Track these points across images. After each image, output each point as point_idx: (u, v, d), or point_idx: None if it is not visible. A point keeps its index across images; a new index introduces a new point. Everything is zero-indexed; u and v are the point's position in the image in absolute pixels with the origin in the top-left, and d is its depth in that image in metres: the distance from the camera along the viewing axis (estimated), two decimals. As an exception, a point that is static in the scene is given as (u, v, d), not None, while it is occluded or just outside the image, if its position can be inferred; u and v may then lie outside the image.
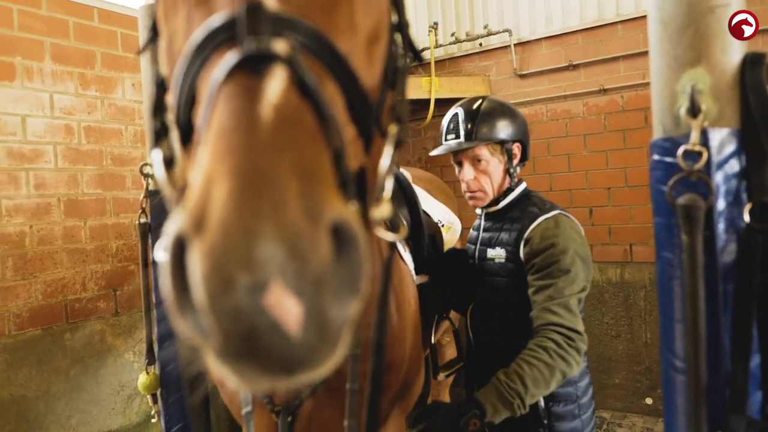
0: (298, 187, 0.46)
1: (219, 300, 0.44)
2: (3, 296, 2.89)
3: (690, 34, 0.92)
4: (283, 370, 0.47)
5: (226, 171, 0.46)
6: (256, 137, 0.48)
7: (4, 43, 2.93)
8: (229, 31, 0.56)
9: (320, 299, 0.46)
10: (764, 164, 0.90)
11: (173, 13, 0.70)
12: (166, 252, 0.48)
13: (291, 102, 0.52)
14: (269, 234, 0.44)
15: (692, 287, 0.90)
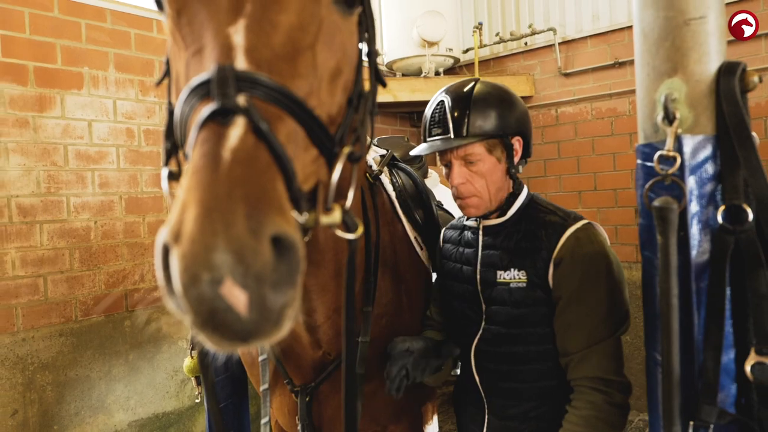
0: (245, 211, 0.64)
1: (189, 290, 0.63)
2: (71, 285, 3.18)
3: (667, 46, 0.97)
4: (239, 339, 0.66)
5: (194, 200, 0.65)
6: (217, 174, 0.66)
7: (73, 55, 3.21)
8: (206, 88, 0.75)
9: (261, 290, 0.64)
10: (737, 169, 0.95)
11: (178, 59, 0.89)
12: (157, 254, 0.68)
13: (247, 144, 0.70)
14: (220, 246, 0.62)
15: (665, 285, 0.96)
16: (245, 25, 0.79)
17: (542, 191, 4.61)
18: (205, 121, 0.72)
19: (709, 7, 0.95)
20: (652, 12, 0.99)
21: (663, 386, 0.97)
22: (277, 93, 0.77)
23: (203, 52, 0.80)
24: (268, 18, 0.81)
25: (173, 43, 0.90)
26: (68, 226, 3.18)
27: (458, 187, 1.50)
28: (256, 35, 0.79)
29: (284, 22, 0.82)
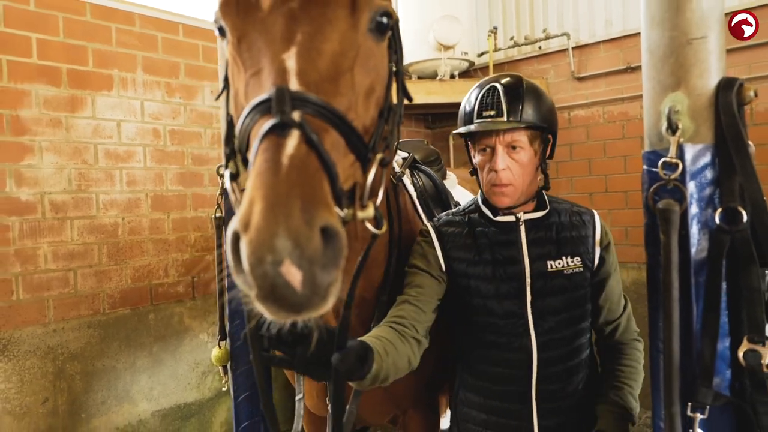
0: (300, 206, 0.80)
1: (255, 269, 0.78)
2: (99, 279, 3.32)
3: (671, 63, 1.07)
4: (293, 310, 0.81)
5: (259, 197, 0.80)
6: (278, 177, 0.82)
7: (104, 58, 3.35)
8: (267, 105, 0.92)
9: (312, 270, 0.79)
10: (733, 175, 1.04)
11: (237, 78, 1.07)
12: (228, 241, 0.83)
13: (301, 152, 0.86)
14: (281, 234, 0.77)
15: (667, 279, 1.06)
16: (296, 52, 0.96)
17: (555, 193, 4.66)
18: (266, 133, 0.87)
19: (709, 28, 1.05)
20: (658, 32, 1.09)
21: (664, 371, 1.07)
22: (324, 109, 0.93)
23: (261, 74, 0.97)
24: (315, 46, 0.97)
25: (233, 64, 1.08)
26: (97, 222, 3.32)
27: (500, 173, 1.53)
28: (305, 60, 0.95)
29: (328, 50, 0.98)
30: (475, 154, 1.63)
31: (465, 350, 1.69)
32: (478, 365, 1.65)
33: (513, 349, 1.58)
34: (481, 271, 1.60)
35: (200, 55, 3.82)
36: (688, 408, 1.07)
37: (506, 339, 1.58)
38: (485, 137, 1.56)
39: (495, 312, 1.58)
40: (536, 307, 1.57)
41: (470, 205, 1.74)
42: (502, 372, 1.60)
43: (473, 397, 1.66)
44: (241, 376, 2.29)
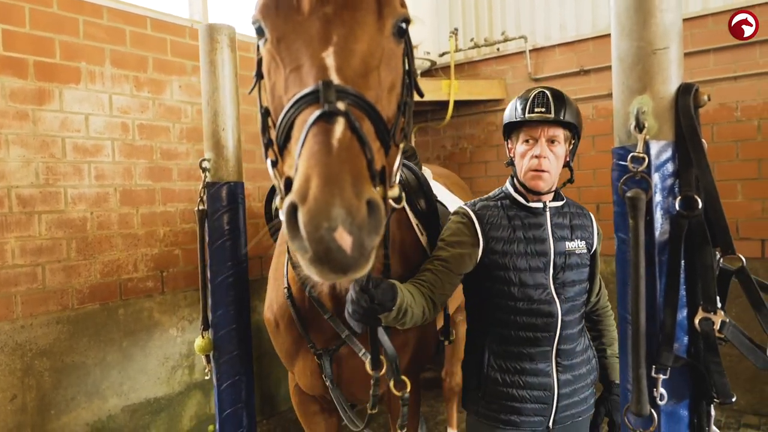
0: (351, 181, 0.92)
1: (313, 235, 0.89)
2: (68, 274, 3.29)
3: (639, 70, 1.23)
4: (342, 271, 0.92)
5: (316, 174, 0.93)
6: (330, 156, 0.95)
7: (71, 50, 3.32)
8: (314, 96, 1.04)
9: (361, 235, 0.91)
10: (690, 168, 1.21)
11: (275, 73, 1.21)
12: (284, 211, 0.93)
13: (346, 136, 0.99)
14: (336, 204, 0.89)
15: (635, 258, 1.22)
16: (334, 51, 1.10)
17: (512, 189, 4.91)
18: (316, 120, 0.99)
19: (671, 40, 1.21)
20: (627, 42, 1.24)
21: (632, 339, 1.23)
22: (361, 100, 1.07)
23: (302, 69, 1.12)
24: (349, 46, 1.12)
25: (271, 60, 1.21)
26: (65, 216, 3.29)
27: (541, 160, 1.85)
28: (342, 58, 1.10)
29: (360, 50, 1.14)
30: (516, 145, 1.94)
31: (496, 322, 1.92)
32: (509, 332, 1.89)
33: (542, 314, 1.86)
34: (516, 248, 1.88)
35: (168, 50, 3.81)
36: (652, 370, 1.24)
37: (536, 306, 1.86)
38: (533, 129, 1.87)
39: (527, 283, 1.87)
40: (558, 279, 1.89)
41: (499, 193, 2.03)
42: (529, 336, 1.88)
43: (503, 363, 1.90)
44: (224, 364, 2.36)
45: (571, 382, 1.90)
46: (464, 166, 5.35)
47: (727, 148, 4.14)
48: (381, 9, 1.18)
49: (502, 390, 1.89)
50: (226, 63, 2.38)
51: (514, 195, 1.96)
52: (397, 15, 1.22)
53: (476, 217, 1.92)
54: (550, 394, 1.87)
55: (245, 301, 2.41)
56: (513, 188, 1.98)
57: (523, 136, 1.90)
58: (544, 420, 1.89)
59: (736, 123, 4.10)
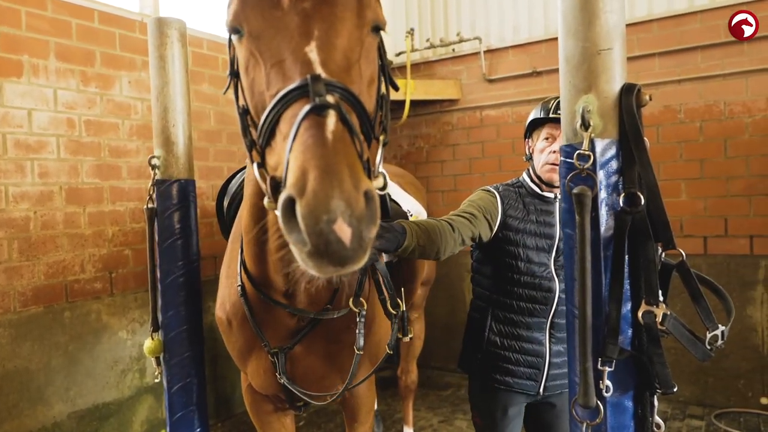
0: (348, 172, 0.91)
1: (312, 228, 0.88)
2: (9, 276, 3.15)
3: (584, 69, 1.26)
4: (339, 264, 0.91)
5: (313, 166, 0.91)
6: (326, 149, 0.93)
7: (12, 42, 3.17)
8: (302, 90, 1.03)
9: (360, 226, 0.90)
10: (633, 165, 1.25)
11: (255, 69, 1.18)
12: (281, 205, 0.92)
13: (339, 129, 0.98)
14: (336, 196, 0.87)
15: (582, 254, 1.25)
16: (317, 45, 1.10)
17: (468, 187, 4.98)
18: (307, 113, 0.98)
19: (615, 41, 1.25)
20: (573, 42, 1.27)
21: (578, 332, 1.26)
22: (348, 93, 1.07)
23: (284, 65, 1.10)
24: (331, 41, 1.12)
25: (249, 57, 1.19)
26: (6, 216, 3.14)
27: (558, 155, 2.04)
28: (325, 53, 1.10)
29: (341, 44, 1.14)
30: (536, 142, 2.22)
31: (501, 291, 2.21)
32: (512, 301, 2.17)
33: (542, 288, 2.14)
34: (528, 227, 2.17)
35: (117, 44, 3.70)
36: (599, 362, 1.27)
37: (538, 281, 2.15)
38: (554, 128, 2.14)
39: (533, 260, 2.16)
40: (558, 261, 2.15)
41: (516, 182, 2.31)
42: (529, 307, 2.16)
43: (503, 327, 2.20)
44: (175, 366, 2.29)
45: (561, 353, 2.13)
46: (421, 166, 5.38)
47: (671, 149, 4.30)
48: (359, 3, 1.20)
49: (499, 352, 2.19)
50: (176, 58, 2.31)
51: (530, 184, 2.25)
52: (373, 9, 1.24)
53: (499, 196, 2.21)
54: (542, 360, 2.15)
55: (197, 301, 2.35)
56: (529, 179, 2.27)
57: (544, 134, 2.19)
58: (535, 385, 2.16)
59: (680, 124, 4.27)
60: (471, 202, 2.18)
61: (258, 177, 1.17)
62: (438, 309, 5.05)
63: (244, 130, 1.23)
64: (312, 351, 1.85)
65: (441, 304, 5.08)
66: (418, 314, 3.35)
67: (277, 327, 1.80)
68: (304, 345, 1.80)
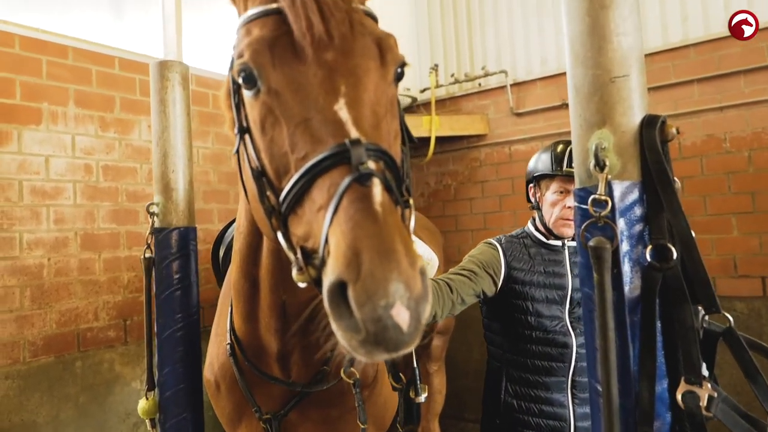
0: (403, 250, 0.83)
1: (370, 314, 0.80)
2: (20, 325, 3.08)
3: (596, 100, 1.08)
4: (394, 349, 0.83)
5: (366, 245, 0.83)
6: (377, 225, 0.85)
7: (33, 91, 3.19)
8: (341, 156, 0.94)
9: (417, 308, 0.83)
10: (660, 212, 1.04)
11: (275, 127, 1.07)
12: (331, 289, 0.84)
13: (385, 199, 0.91)
14: (395, 278, 0.80)
15: (602, 319, 1.04)
16: (346, 103, 1.01)
17: (498, 226, 4.75)
18: (350, 184, 0.90)
19: (631, 67, 1.06)
20: (582, 70, 1.09)
21: (604, 414, 1.03)
22: (386, 156, 0.99)
23: (312, 124, 1.01)
24: (359, 97, 1.03)
25: (266, 113, 1.08)
26: (20, 263, 3.10)
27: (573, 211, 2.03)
28: (356, 111, 1.01)
29: (369, 99, 1.05)
30: (546, 194, 2.14)
31: (513, 349, 2.08)
32: (525, 359, 2.03)
33: (557, 344, 2.00)
34: (535, 279, 2.07)
35: (137, 89, 3.70)
36: (629, 453, 1.04)
37: (551, 336, 2.01)
38: (566, 182, 2.08)
39: (543, 314, 2.02)
40: (573, 313, 2.02)
41: (521, 233, 2.23)
42: (544, 365, 2.01)
43: (519, 389, 2.05)
44: (171, 429, 2.13)
45: (588, 416, 1.93)
46: (449, 204, 5.19)
47: (718, 181, 3.99)
48: (383, 55, 1.11)
49: (518, 417, 2.04)
50: (177, 101, 2.23)
51: (536, 234, 2.17)
52: (398, 60, 1.15)
53: (501, 249, 2.13)
54: (566, 425, 1.98)
55: (196, 358, 2.20)
56: (534, 229, 2.19)
57: (556, 187, 2.11)
58: None
59: (726, 154, 3.97)
60: (471, 258, 2.08)
61: (285, 246, 1.04)
62: (468, 354, 4.77)
63: (261, 194, 1.10)
64: (308, 417, 1.68)
65: (471, 349, 4.80)
66: (437, 366, 3.11)
67: (270, 391, 1.65)
68: (299, 411, 1.64)
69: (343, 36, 1.06)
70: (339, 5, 1.07)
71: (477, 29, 5.12)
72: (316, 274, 0.96)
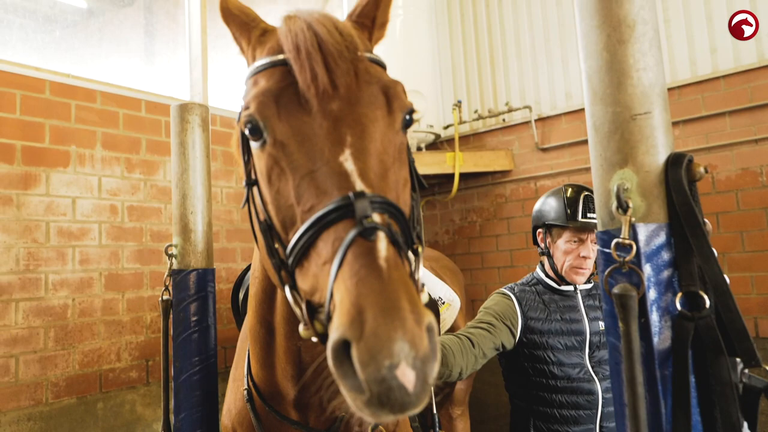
0: (409, 307, 0.80)
1: (373, 375, 0.77)
2: (43, 366, 3.09)
3: (617, 139, 1.02)
4: (400, 410, 0.79)
5: (370, 302, 0.80)
6: (382, 281, 0.82)
7: (61, 134, 3.28)
8: (345, 210, 0.92)
9: (424, 368, 0.79)
10: (690, 257, 0.97)
11: (281, 179, 1.06)
12: (334, 348, 0.81)
13: (391, 254, 0.87)
14: (399, 338, 0.77)
15: (631, 372, 0.96)
16: (352, 153, 0.99)
17: (526, 263, 4.64)
18: (354, 238, 0.88)
19: (653, 103, 1.01)
20: (601, 107, 1.04)
21: (634, 478, 0.94)
22: (392, 208, 0.96)
23: (317, 176, 0.99)
24: (365, 147, 1.01)
25: (273, 164, 1.07)
26: (45, 303, 3.13)
27: (587, 260, 2.06)
28: (362, 162, 0.99)
29: (376, 149, 1.03)
30: (557, 242, 2.13)
31: (539, 401, 2.03)
32: (552, 410, 1.99)
33: (582, 392, 1.97)
34: (553, 327, 2.04)
35: (162, 131, 3.77)
36: None
37: (576, 384, 1.97)
38: (582, 232, 2.09)
39: (565, 362, 1.99)
40: (594, 357, 2.01)
41: (531, 279, 2.20)
42: (572, 414, 1.97)
43: None
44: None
45: None
46: (474, 241, 5.11)
47: (755, 216, 3.83)
48: (390, 103, 1.10)
49: None
50: (197, 144, 2.25)
51: (546, 280, 2.15)
52: (405, 108, 1.13)
53: (516, 298, 2.09)
54: None
55: (213, 402, 2.15)
56: (545, 275, 2.17)
57: (569, 236, 2.10)
58: None
59: (763, 188, 3.82)
60: (487, 310, 2.04)
61: (291, 301, 1.03)
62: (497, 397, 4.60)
63: (269, 249, 1.09)
64: None
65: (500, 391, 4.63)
66: (460, 411, 2.99)
67: None
68: None
69: (348, 86, 1.04)
70: (344, 55, 1.05)
71: (500, 64, 5.12)
72: (323, 329, 0.93)
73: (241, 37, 1.30)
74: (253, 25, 1.28)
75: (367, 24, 1.29)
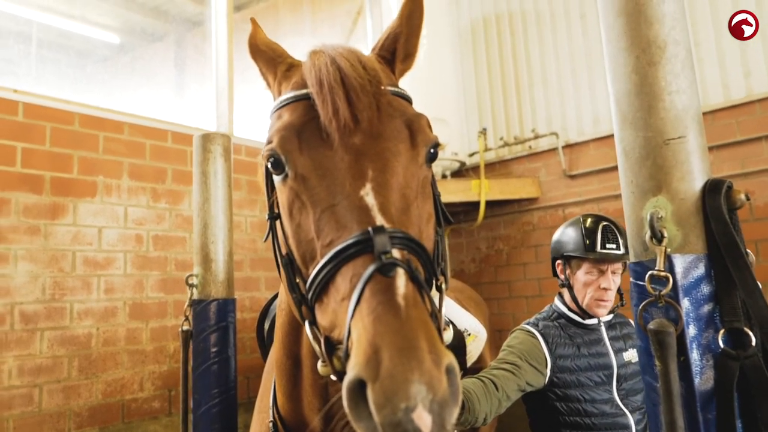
0: (427, 347, 0.77)
1: (388, 417, 0.73)
2: (66, 395, 3.09)
3: (649, 165, 0.97)
4: None
5: (387, 343, 0.77)
6: (400, 320, 0.80)
7: (89, 165, 3.34)
8: (364, 245, 0.89)
9: (442, 412, 0.75)
10: (733, 290, 0.90)
11: (302, 213, 1.05)
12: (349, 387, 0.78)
13: (410, 291, 0.85)
14: (416, 379, 0.73)
15: (670, 416, 0.89)
16: (373, 188, 0.98)
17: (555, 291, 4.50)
18: (372, 274, 0.85)
19: (687, 127, 0.95)
20: (631, 132, 0.99)
21: None
22: (413, 243, 0.94)
23: (337, 211, 0.97)
24: (387, 181, 1.00)
25: (294, 198, 1.07)
26: (69, 333, 3.14)
27: (608, 291, 2.03)
28: (383, 197, 0.97)
29: (397, 183, 1.01)
30: (577, 273, 2.09)
31: None
32: None
33: (618, 426, 1.92)
34: (582, 364, 1.99)
35: (188, 161, 3.81)
36: None
37: (610, 420, 1.92)
38: (601, 263, 2.04)
39: (597, 399, 1.95)
40: (623, 389, 1.98)
41: (552, 313, 2.16)
42: None
43: None
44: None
45: None
46: (501, 269, 5.01)
47: (796, 244, 3.67)
48: (414, 137, 1.08)
49: None
50: (219, 173, 2.26)
51: (569, 314, 2.10)
52: (429, 141, 1.11)
53: (541, 336, 2.02)
54: None
55: (232, 435, 2.10)
56: (566, 308, 2.12)
57: (588, 267, 2.05)
58: None
59: (804, 215, 3.67)
60: (511, 349, 1.96)
61: (310, 336, 1.01)
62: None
63: (290, 283, 1.08)
64: None
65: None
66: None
67: None
68: None
69: (370, 120, 1.03)
70: (366, 89, 1.04)
71: (525, 90, 5.08)
72: (341, 366, 0.90)
73: (268, 72, 1.31)
74: (280, 60, 1.29)
75: (392, 57, 1.29)
